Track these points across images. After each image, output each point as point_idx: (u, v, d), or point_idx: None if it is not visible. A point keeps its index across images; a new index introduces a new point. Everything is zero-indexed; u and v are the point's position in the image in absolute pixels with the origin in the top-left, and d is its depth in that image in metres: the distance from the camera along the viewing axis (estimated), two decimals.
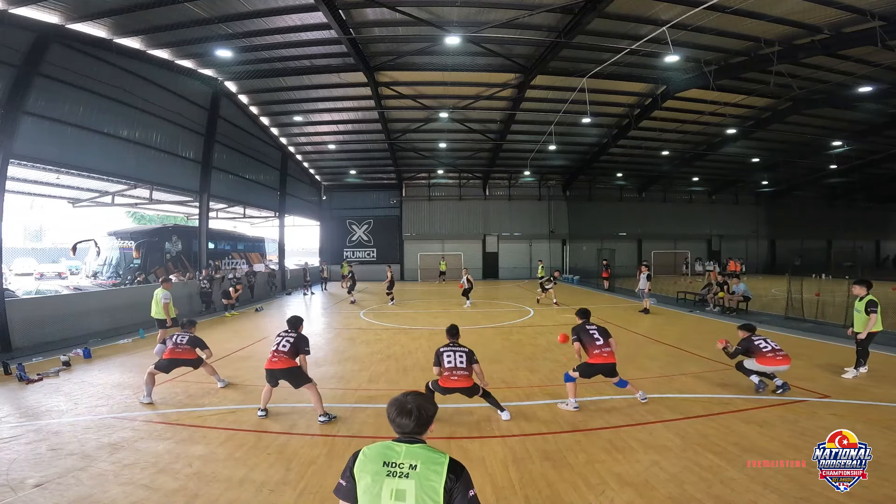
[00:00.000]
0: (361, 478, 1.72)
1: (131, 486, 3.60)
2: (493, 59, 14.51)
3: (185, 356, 5.93)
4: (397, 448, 1.74)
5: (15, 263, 28.27)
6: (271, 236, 29.91)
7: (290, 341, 5.18)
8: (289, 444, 4.42)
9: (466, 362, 5.03)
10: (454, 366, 5.00)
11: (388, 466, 1.69)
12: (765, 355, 5.80)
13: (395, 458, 1.71)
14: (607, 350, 5.53)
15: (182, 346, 5.93)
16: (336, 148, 23.21)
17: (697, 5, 10.08)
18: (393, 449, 1.74)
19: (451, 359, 5.06)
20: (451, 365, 5.01)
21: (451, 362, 5.03)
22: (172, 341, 5.96)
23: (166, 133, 13.89)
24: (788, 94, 16.04)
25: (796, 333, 9.64)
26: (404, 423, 1.75)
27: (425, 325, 11.56)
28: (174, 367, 5.92)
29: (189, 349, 5.96)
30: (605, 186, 29.69)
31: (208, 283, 14.44)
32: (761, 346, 5.90)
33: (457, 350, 5.13)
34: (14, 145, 9.23)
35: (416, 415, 1.76)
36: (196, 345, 6.05)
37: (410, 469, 1.67)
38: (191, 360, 6.01)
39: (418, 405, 1.77)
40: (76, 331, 9.75)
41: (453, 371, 4.97)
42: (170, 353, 5.87)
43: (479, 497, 1.69)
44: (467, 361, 5.04)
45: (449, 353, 5.10)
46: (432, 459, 1.70)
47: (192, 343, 6.01)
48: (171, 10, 10.48)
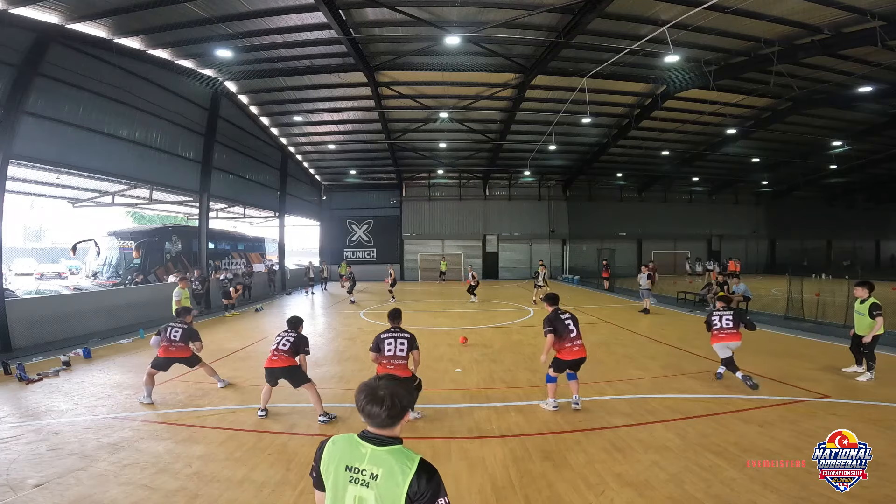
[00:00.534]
0: (327, 476, 1.62)
1: (131, 486, 3.60)
2: (493, 59, 14.50)
3: (179, 354, 5.87)
4: (362, 449, 1.59)
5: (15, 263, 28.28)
6: (271, 236, 29.93)
7: (290, 340, 5.19)
8: (289, 444, 4.42)
9: (407, 350, 4.80)
10: (393, 353, 4.78)
11: (350, 472, 1.56)
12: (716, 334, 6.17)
13: (357, 462, 1.57)
14: (579, 343, 5.24)
15: (176, 343, 5.84)
16: (336, 148, 23.21)
17: (697, 5, 10.07)
18: (358, 449, 1.59)
19: (391, 346, 4.81)
20: (391, 353, 4.79)
21: (391, 350, 4.80)
22: (166, 337, 5.84)
23: (166, 133, 13.89)
24: (788, 94, 16.03)
25: (796, 333, 9.64)
26: (374, 412, 1.55)
27: (425, 325, 11.56)
28: (171, 364, 5.87)
29: (183, 347, 5.87)
30: (605, 186, 29.69)
31: (200, 284, 14.22)
32: (714, 323, 6.26)
33: (398, 336, 4.86)
34: (14, 145, 9.23)
35: (389, 404, 1.54)
36: (189, 338, 5.92)
37: (371, 479, 1.53)
38: (186, 357, 5.94)
39: (392, 392, 1.56)
40: (76, 331, 9.75)
41: (391, 360, 4.77)
42: (164, 352, 5.80)
43: (479, 497, 1.64)
44: (407, 349, 4.80)
45: (390, 340, 4.84)
46: (400, 464, 1.54)
47: (185, 338, 5.88)
48: (171, 10, 10.47)
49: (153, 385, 5.72)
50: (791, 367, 6.88)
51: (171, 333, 5.88)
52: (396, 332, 4.93)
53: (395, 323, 5.08)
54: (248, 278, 18.23)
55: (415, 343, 4.90)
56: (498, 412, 5.28)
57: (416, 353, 4.91)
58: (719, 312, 6.40)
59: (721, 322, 6.24)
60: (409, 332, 4.98)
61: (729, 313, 6.34)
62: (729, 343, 6.15)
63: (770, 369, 6.79)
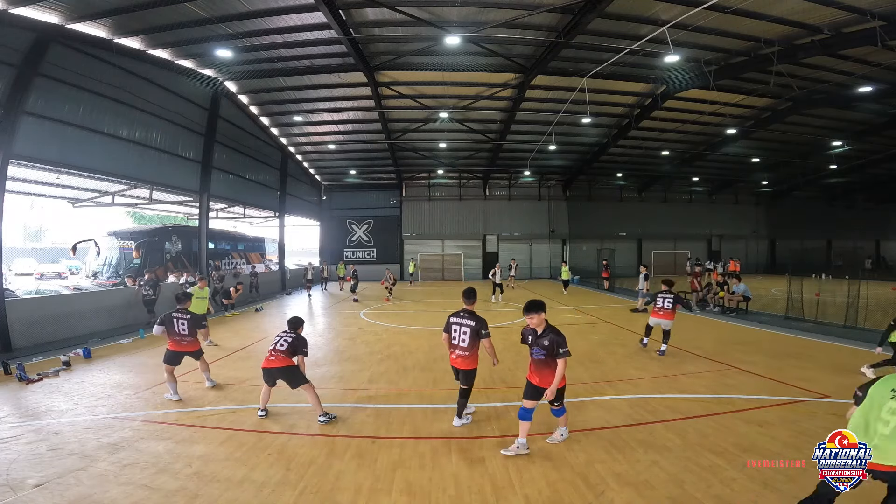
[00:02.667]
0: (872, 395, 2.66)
1: (131, 486, 3.60)
2: (493, 59, 14.50)
3: (190, 348, 6.05)
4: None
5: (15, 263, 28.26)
6: (271, 236, 29.93)
7: (287, 341, 5.19)
8: (289, 444, 4.42)
9: (469, 340, 4.53)
10: (457, 343, 4.59)
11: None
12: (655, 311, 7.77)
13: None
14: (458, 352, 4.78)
15: (187, 338, 5.99)
16: (336, 148, 23.21)
17: (697, 5, 10.07)
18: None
19: (456, 333, 4.61)
20: (455, 342, 4.61)
21: (455, 338, 4.60)
22: (175, 331, 5.96)
23: (166, 133, 13.88)
24: (788, 94, 16.03)
25: (796, 333, 9.64)
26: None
27: (425, 325, 11.56)
28: (181, 358, 6.02)
29: (192, 340, 6.06)
30: (605, 186, 29.68)
31: (150, 289, 11.81)
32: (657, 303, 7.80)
33: (462, 323, 4.60)
34: (14, 145, 9.23)
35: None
36: (196, 325, 6.08)
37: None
38: (194, 351, 6.12)
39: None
40: (76, 331, 9.75)
41: (454, 349, 4.63)
42: (175, 346, 5.93)
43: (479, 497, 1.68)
44: (470, 338, 4.53)
45: (455, 326, 4.63)
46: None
47: (192, 329, 6.02)
48: (171, 10, 10.47)
49: (175, 381, 5.85)
50: (791, 367, 6.88)
51: (178, 327, 5.98)
52: (463, 318, 4.66)
53: (468, 302, 4.77)
54: (254, 277, 18.03)
55: (481, 332, 4.53)
56: (498, 412, 5.28)
57: (486, 341, 4.58)
58: (663, 295, 7.96)
59: (663, 303, 7.88)
60: (477, 317, 4.63)
61: (670, 297, 7.89)
62: (661, 320, 7.86)
63: (770, 369, 6.79)
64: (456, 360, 4.79)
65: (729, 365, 7.14)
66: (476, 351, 4.71)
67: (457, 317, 4.79)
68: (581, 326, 11.24)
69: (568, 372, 6.87)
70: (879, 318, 10.02)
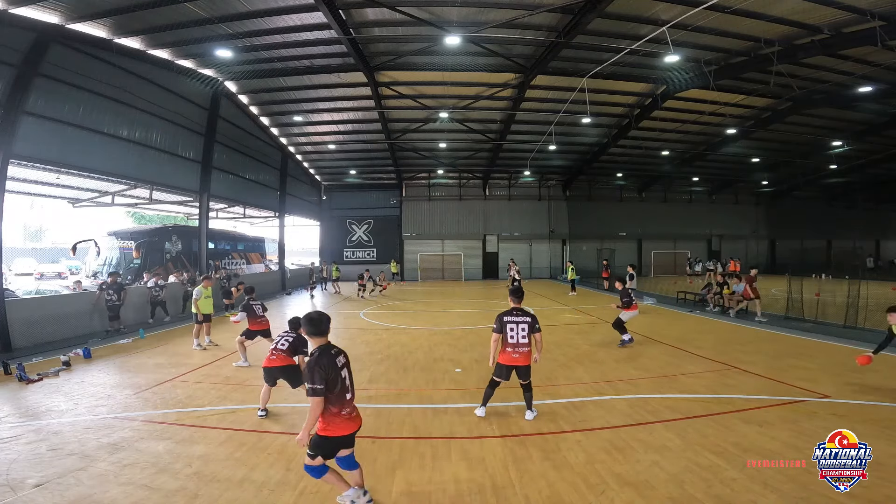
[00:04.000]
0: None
1: (131, 486, 3.60)
2: (493, 59, 14.50)
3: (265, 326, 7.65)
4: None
5: (15, 263, 28.26)
6: (271, 236, 29.93)
7: (289, 340, 5.22)
8: (289, 444, 4.41)
9: (528, 335, 4.55)
10: (517, 341, 4.55)
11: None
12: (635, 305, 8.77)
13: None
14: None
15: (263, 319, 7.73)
16: (336, 148, 23.20)
17: (697, 5, 10.07)
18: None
19: (513, 331, 4.54)
20: (514, 340, 4.56)
21: (514, 336, 4.54)
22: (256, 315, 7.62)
23: (166, 133, 13.88)
24: (788, 94, 16.02)
25: (796, 333, 9.64)
26: None
27: (425, 325, 11.56)
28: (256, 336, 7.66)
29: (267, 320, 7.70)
30: (605, 186, 29.67)
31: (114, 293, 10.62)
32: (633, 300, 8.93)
33: (520, 320, 4.60)
34: (14, 145, 9.23)
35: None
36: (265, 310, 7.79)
37: None
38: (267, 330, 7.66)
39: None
40: (76, 331, 9.75)
41: (516, 347, 4.58)
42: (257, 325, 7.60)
43: (479, 497, 1.66)
44: (528, 334, 4.56)
45: (512, 324, 4.58)
46: None
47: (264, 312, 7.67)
48: (171, 10, 10.47)
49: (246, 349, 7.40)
50: (791, 367, 6.88)
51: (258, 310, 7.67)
52: (519, 316, 4.67)
53: (517, 301, 4.79)
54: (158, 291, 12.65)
55: (536, 325, 4.67)
56: (498, 412, 5.27)
57: (537, 335, 4.69)
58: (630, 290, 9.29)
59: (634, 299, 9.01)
60: (531, 312, 4.74)
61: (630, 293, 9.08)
62: (633, 312, 9.05)
63: (770, 369, 6.79)
64: (518, 357, 4.72)
65: (729, 365, 7.14)
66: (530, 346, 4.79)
67: (510, 315, 4.75)
68: (581, 326, 11.24)
69: (568, 372, 6.93)
70: (879, 318, 9.98)
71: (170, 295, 12.99)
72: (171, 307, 12.97)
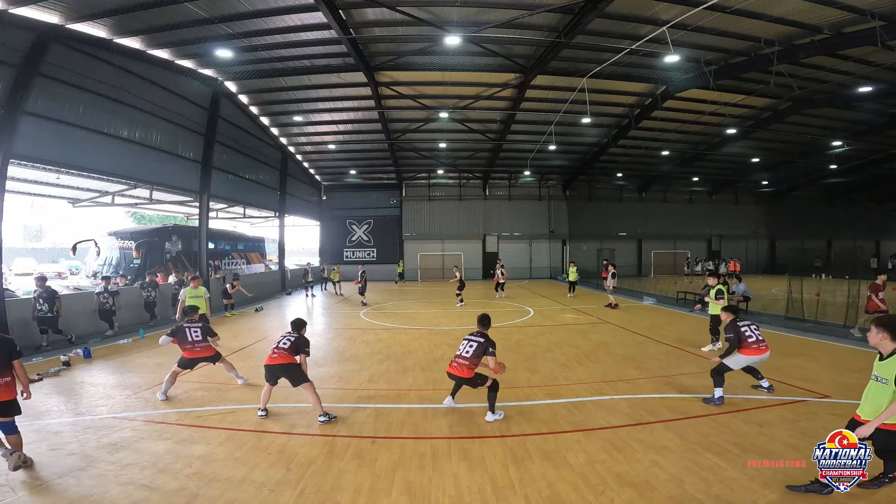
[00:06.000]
0: None
1: (131, 486, 3.60)
2: (493, 59, 14.50)
3: (204, 354, 6.08)
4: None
5: (15, 263, 28.26)
6: (271, 236, 29.93)
7: (290, 340, 5.25)
8: (289, 444, 4.42)
9: (472, 354, 5.10)
10: (459, 353, 5.21)
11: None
12: (750, 345, 5.40)
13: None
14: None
15: (200, 344, 6.03)
16: (336, 148, 23.21)
17: (697, 5, 10.07)
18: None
19: (462, 346, 5.27)
20: (458, 353, 5.24)
21: (460, 350, 5.26)
22: (187, 340, 5.97)
23: (166, 133, 13.87)
24: (788, 94, 16.02)
25: (796, 333, 9.64)
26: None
27: (425, 325, 11.56)
28: (196, 364, 6.10)
29: (207, 346, 6.11)
30: (605, 186, 29.65)
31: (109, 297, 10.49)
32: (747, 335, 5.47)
33: (470, 339, 5.26)
34: (14, 145, 9.22)
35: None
36: (207, 334, 6.15)
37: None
38: (210, 356, 6.16)
39: None
40: (76, 331, 9.74)
41: (455, 358, 5.23)
42: (190, 353, 5.96)
43: (479, 497, 1.66)
44: (474, 353, 5.10)
45: (464, 341, 5.32)
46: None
47: (204, 336, 6.10)
48: (171, 10, 10.47)
49: (173, 384, 5.91)
50: (791, 367, 6.88)
51: (191, 335, 6.02)
52: (471, 336, 5.31)
53: (480, 327, 5.42)
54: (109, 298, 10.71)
55: (488, 349, 5.13)
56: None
57: (491, 359, 5.10)
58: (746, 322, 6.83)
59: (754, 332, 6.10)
60: (486, 337, 5.24)
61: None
62: (764, 356, 6.25)
63: (770, 369, 6.77)
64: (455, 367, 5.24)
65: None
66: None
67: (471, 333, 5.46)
68: (581, 326, 11.24)
69: (568, 372, 6.93)
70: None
71: (161, 296, 12.54)
72: (159, 309, 12.28)
